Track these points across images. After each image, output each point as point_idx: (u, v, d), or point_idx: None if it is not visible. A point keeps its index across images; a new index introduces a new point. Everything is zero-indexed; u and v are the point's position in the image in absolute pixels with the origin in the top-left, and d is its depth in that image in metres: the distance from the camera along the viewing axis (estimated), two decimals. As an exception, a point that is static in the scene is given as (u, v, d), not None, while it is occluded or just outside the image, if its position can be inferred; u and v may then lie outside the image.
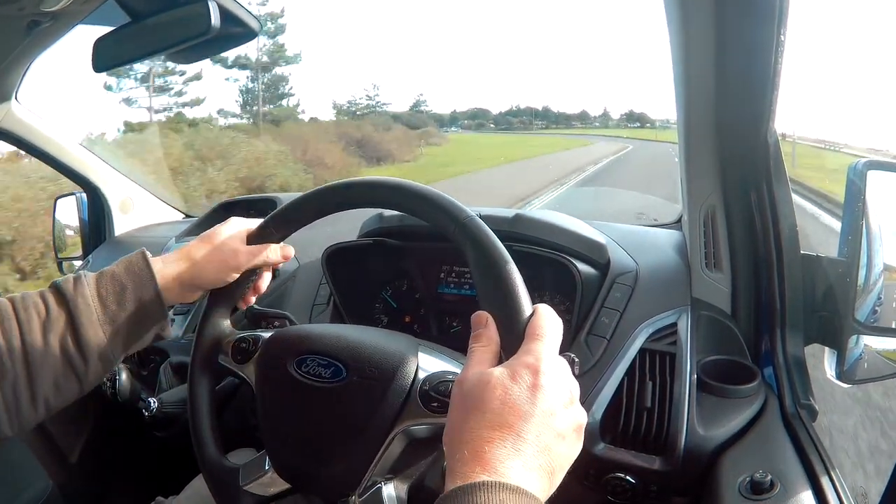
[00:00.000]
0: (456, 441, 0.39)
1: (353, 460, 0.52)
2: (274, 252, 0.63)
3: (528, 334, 0.43)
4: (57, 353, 0.55)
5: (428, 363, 0.55)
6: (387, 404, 0.52)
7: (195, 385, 0.61)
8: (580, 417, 0.42)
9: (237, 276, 0.62)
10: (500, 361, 0.43)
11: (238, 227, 0.63)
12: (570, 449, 0.40)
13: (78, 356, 0.56)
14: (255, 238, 0.62)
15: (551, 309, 0.45)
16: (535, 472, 0.37)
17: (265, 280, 0.66)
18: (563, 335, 0.81)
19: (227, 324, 0.64)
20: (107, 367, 0.58)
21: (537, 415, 0.39)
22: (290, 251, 0.64)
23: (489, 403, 0.39)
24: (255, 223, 0.63)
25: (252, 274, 0.64)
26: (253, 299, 0.67)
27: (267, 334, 0.61)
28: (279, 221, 0.62)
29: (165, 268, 0.60)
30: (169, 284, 0.60)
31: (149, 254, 0.61)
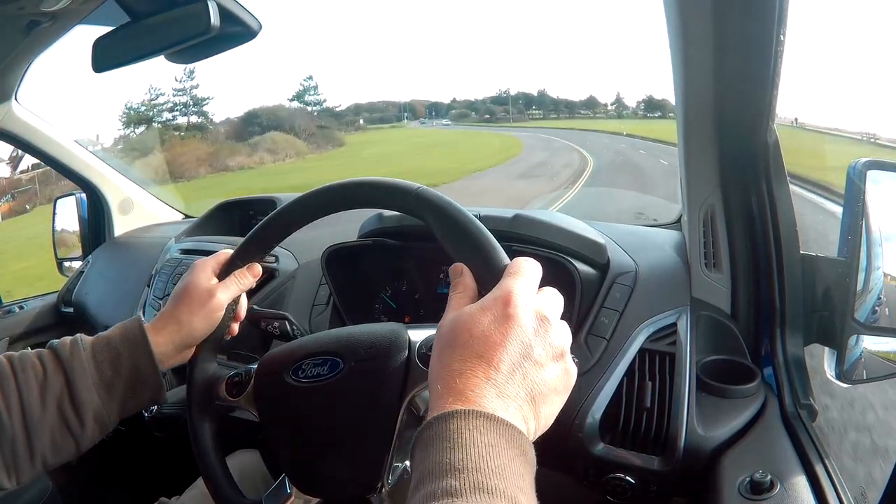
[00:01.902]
0: (432, 379, 0.39)
1: (374, 447, 0.52)
2: (244, 276, 0.64)
3: (504, 276, 0.43)
4: (54, 415, 0.57)
5: (419, 335, 0.55)
6: (390, 378, 0.52)
7: (197, 432, 0.61)
8: (559, 343, 0.41)
9: (222, 313, 0.63)
10: None
11: (205, 268, 0.64)
12: (553, 378, 0.40)
13: (74, 418, 0.58)
14: (224, 274, 0.64)
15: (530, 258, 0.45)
16: (512, 400, 0.37)
17: (243, 306, 0.67)
18: None
19: (215, 366, 0.64)
20: (103, 429, 0.60)
21: (509, 343, 0.38)
22: (258, 269, 0.65)
23: (460, 338, 0.39)
24: (221, 258, 0.65)
25: (232, 306, 0.64)
26: (236, 327, 0.68)
27: (255, 366, 0.62)
28: (245, 253, 0.63)
29: (159, 336, 0.61)
30: (164, 350, 0.61)
31: (144, 321, 0.62)
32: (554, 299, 0.43)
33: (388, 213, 0.94)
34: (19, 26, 0.84)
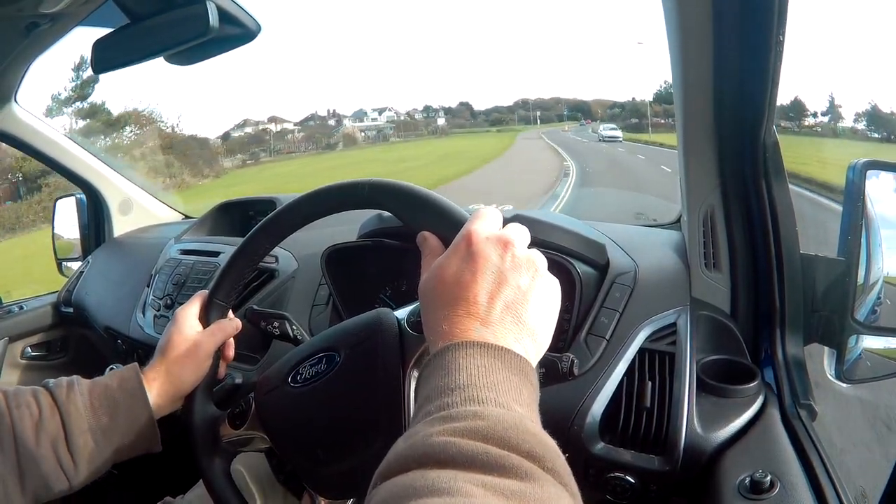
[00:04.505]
0: (426, 335, 0.42)
1: (390, 422, 0.51)
2: (229, 325, 0.65)
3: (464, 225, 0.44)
4: (48, 454, 0.57)
5: (404, 311, 0.56)
6: (386, 351, 0.53)
7: (207, 473, 0.61)
8: (527, 259, 0.42)
9: (210, 360, 0.64)
10: None
11: (187, 316, 0.64)
12: (534, 293, 0.41)
13: (68, 459, 0.58)
14: (206, 319, 0.65)
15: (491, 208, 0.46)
16: (498, 325, 0.38)
17: (231, 347, 0.68)
18: (563, 335, 0.81)
19: (213, 408, 0.64)
20: (96, 472, 0.60)
21: (480, 277, 0.40)
22: (238, 323, 0.67)
23: (437, 290, 0.41)
24: (198, 300, 0.65)
25: (218, 350, 0.65)
26: (224, 369, 0.68)
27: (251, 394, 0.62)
28: (220, 291, 0.64)
29: (151, 388, 0.62)
30: (158, 401, 0.62)
31: (141, 372, 0.62)
32: (516, 229, 0.44)
33: (387, 213, 0.94)
34: (18, 28, 0.84)
